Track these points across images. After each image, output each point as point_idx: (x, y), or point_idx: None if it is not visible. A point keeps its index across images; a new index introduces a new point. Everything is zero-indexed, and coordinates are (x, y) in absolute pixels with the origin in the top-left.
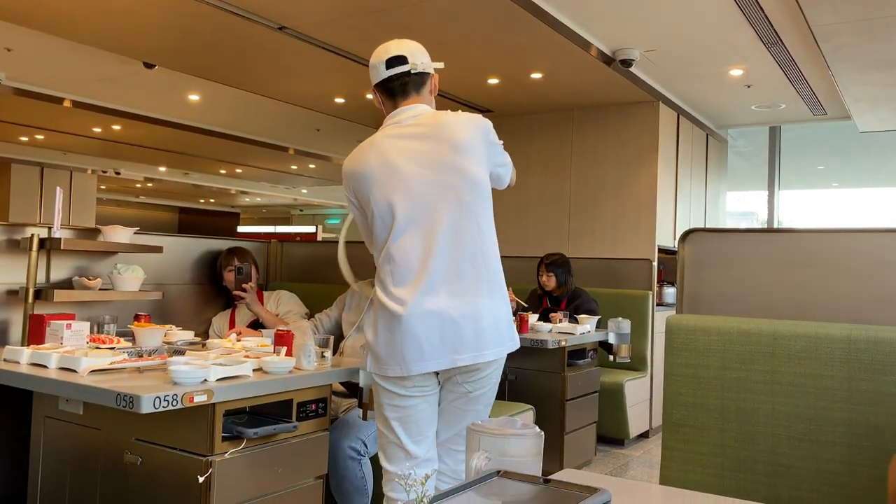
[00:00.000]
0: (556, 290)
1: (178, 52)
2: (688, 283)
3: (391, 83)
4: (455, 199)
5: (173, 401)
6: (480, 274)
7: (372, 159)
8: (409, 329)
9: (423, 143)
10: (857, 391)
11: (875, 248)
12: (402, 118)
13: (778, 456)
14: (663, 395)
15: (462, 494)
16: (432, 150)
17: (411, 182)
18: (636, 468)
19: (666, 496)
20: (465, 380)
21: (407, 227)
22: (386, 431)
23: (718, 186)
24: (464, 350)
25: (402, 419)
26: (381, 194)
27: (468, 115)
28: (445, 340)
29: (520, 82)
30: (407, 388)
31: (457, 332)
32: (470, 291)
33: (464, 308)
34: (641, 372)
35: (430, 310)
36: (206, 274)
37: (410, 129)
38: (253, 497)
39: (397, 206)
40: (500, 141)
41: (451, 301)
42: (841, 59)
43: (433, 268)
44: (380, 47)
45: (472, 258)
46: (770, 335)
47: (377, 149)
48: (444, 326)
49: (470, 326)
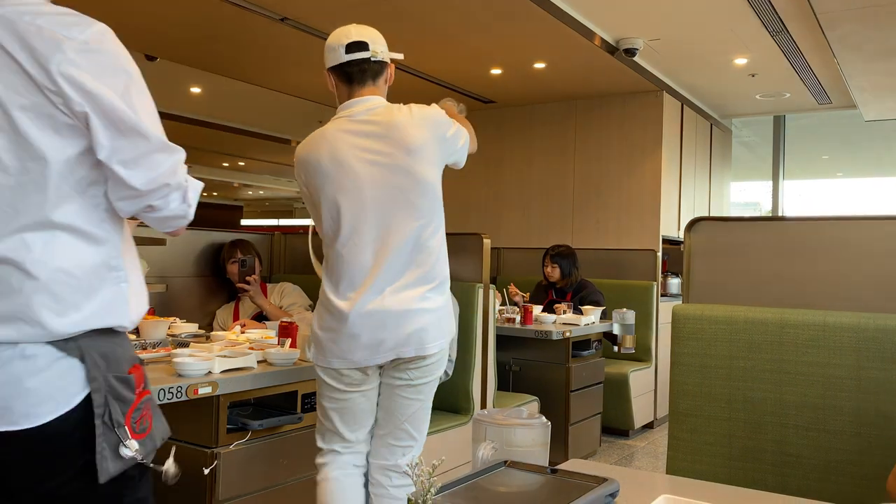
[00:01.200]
0: (561, 281)
1: (180, 44)
2: (694, 272)
3: (349, 68)
4: (404, 200)
5: (178, 393)
6: (425, 273)
7: (324, 153)
8: (352, 327)
9: (376, 142)
10: (865, 380)
11: (883, 235)
12: (356, 111)
13: (786, 445)
14: (669, 385)
15: (469, 483)
16: (384, 151)
17: (361, 183)
18: (641, 459)
19: (673, 486)
20: (408, 367)
21: (355, 228)
22: (323, 419)
23: (723, 176)
24: (406, 344)
25: (340, 410)
26: (331, 192)
27: (421, 114)
28: (387, 337)
29: (523, 72)
30: (344, 382)
31: (399, 329)
32: (413, 289)
33: (406, 305)
34: (646, 363)
35: (373, 309)
36: (210, 266)
37: (363, 125)
38: (258, 489)
39: (347, 207)
40: (451, 124)
41: (394, 298)
42: (846, 48)
43: (380, 269)
44: (338, 30)
45: (417, 260)
46: (777, 324)
47: (329, 143)
48: (387, 323)
49: (413, 323)
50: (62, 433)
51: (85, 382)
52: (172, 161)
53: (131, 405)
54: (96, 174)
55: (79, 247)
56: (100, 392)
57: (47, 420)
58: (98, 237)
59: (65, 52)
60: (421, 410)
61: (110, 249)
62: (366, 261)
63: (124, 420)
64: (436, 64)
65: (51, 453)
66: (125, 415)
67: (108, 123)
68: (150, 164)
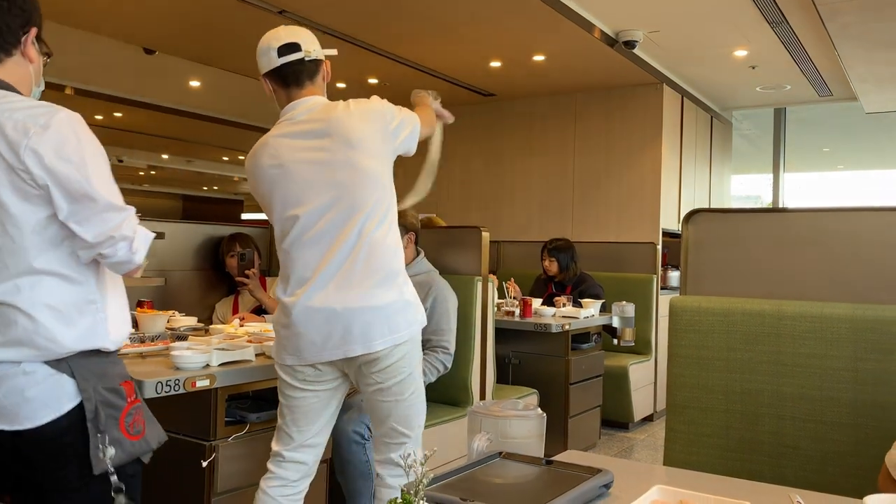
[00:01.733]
0: (559, 274)
1: (178, 37)
2: (692, 264)
3: (284, 71)
4: (349, 196)
5: (175, 386)
6: (372, 269)
7: (265, 162)
8: (298, 324)
9: (317, 140)
10: (862, 371)
11: (881, 227)
12: (296, 114)
13: (783, 437)
14: (667, 377)
15: (465, 475)
16: (325, 147)
17: (304, 182)
18: (641, 451)
19: (670, 477)
20: (370, 370)
21: (302, 227)
22: (279, 416)
23: (723, 169)
24: (352, 342)
25: (291, 407)
26: (278, 196)
27: (360, 107)
28: (333, 334)
29: (522, 65)
30: (298, 379)
31: (344, 326)
32: (360, 286)
33: (352, 302)
34: (646, 355)
35: (318, 306)
36: (209, 260)
37: (304, 125)
38: (256, 481)
39: (292, 207)
40: (395, 115)
41: (339, 296)
42: (847, 38)
43: (324, 265)
44: (267, 34)
45: (364, 256)
46: (775, 315)
47: (271, 151)
48: (332, 320)
49: (358, 319)
50: (57, 434)
51: (76, 393)
52: (119, 218)
53: (122, 411)
54: (66, 230)
55: (60, 287)
56: (90, 401)
57: (44, 422)
58: (75, 278)
59: (30, 138)
60: (405, 408)
61: (88, 287)
62: (311, 258)
63: (118, 424)
64: (435, 57)
65: (51, 450)
66: (118, 420)
67: (64, 192)
68: (99, 222)
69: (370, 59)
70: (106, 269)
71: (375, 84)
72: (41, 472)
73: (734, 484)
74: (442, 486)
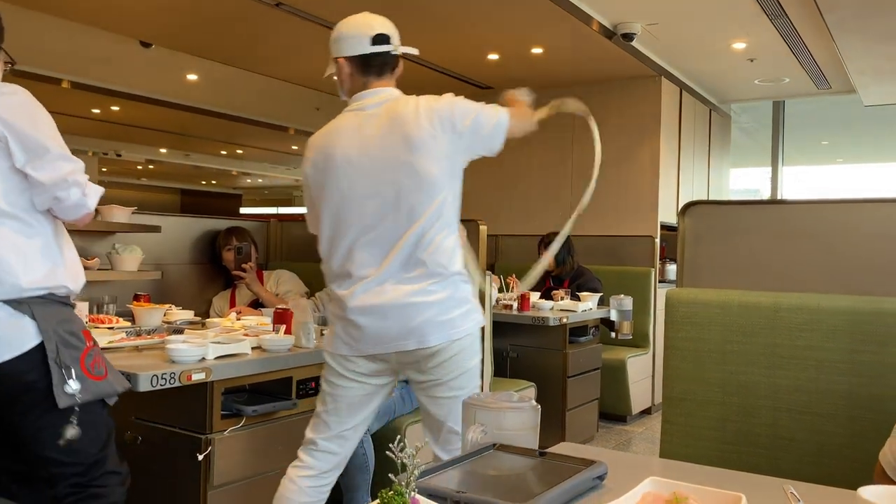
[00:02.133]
0: (556, 268)
1: (174, 30)
2: (688, 257)
3: (373, 60)
4: (409, 199)
5: (171, 379)
6: (430, 269)
7: (336, 148)
8: (354, 317)
9: (383, 139)
10: (859, 363)
11: (878, 219)
12: (367, 103)
13: (779, 429)
14: (663, 369)
15: (458, 467)
16: (389, 147)
17: (367, 178)
18: (638, 444)
19: (664, 469)
20: (427, 366)
21: (364, 227)
22: (318, 403)
23: (722, 163)
24: (408, 336)
25: (335, 396)
26: (338, 186)
27: (428, 106)
28: (389, 329)
29: (520, 58)
30: (348, 369)
31: (400, 321)
32: (418, 284)
33: (408, 298)
34: (644, 349)
35: (376, 301)
36: (206, 254)
37: (373, 119)
38: (253, 474)
39: (352, 201)
40: (467, 115)
41: (396, 292)
42: (845, 31)
43: (386, 265)
44: (358, 19)
45: (423, 257)
46: (771, 308)
47: (341, 137)
48: (389, 315)
49: (414, 315)
50: (21, 370)
51: (37, 334)
52: (71, 166)
53: (83, 351)
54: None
55: (22, 229)
56: (51, 341)
57: (7, 358)
58: (34, 225)
59: None
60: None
61: (45, 235)
62: (370, 255)
63: (79, 363)
64: (433, 49)
65: (14, 387)
66: (78, 359)
67: (21, 143)
68: (52, 168)
69: None
70: (60, 224)
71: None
72: (7, 410)
73: (728, 475)
74: (435, 477)
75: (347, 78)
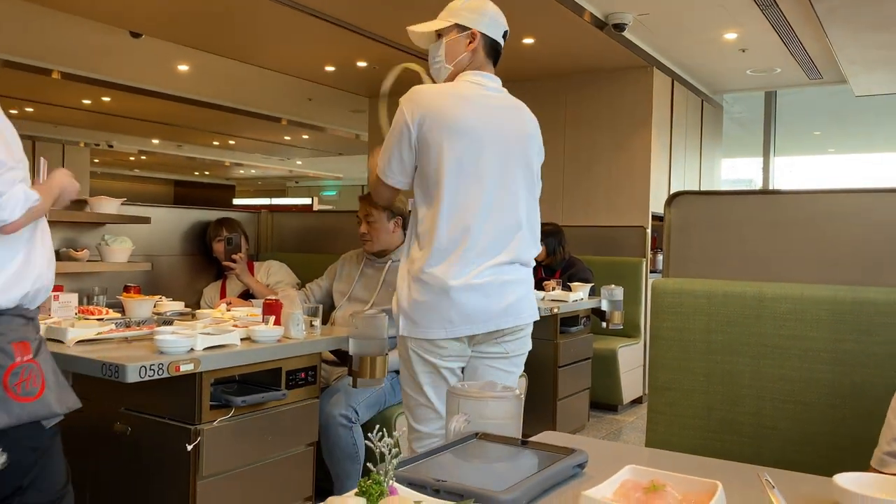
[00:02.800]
0: (547, 259)
1: (165, 20)
2: (674, 247)
3: (498, 49)
4: (513, 183)
5: (159, 370)
6: (518, 249)
7: (468, 114)
8: (457, 298)
9: (511, 123)
10: (841, 352)
11: (861, 208)
12: (488, 85)
13: (762, 417)
14: (649, 359)
15: (440, 456)
16: (514, 133)
17: (493, 156)
18: (629, 433)
19: (650, 458)
20: (503, 339)
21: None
22: (416, 395)
23: (714, 153)
24: (507, 314)
25: (436, 383)
26: (462, 156)
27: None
28: (489, 307)
29: (512, 47)
30: (440, 356)
31: (499, 300)
32: (511, 264)
33: (505, 276)
34: (635, 338)
35: (477, 281)
36: (196, 245)
37: (500, 102)
38: (243, 464)
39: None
40: None
41: (496, 270)
42: (836, 21)
43: (487, 242)
44: (496, 8)
45: (517, 237)
46: (756, 297)
47: (474, 109)
48: (490, 293)
49: (510, 294)
50: None
51: None
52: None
53: (6, 369)
54: None
55: None
56: None
57: None
58: None
59: None
60: (512, 383)
61: None
62: (476, 234)
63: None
64: None
65: None
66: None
67: None
68: None
69: (359, 43)
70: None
71: (364, 67)
72: None
73: (708, 464)
74: (415, 466)
75: (469, 51)
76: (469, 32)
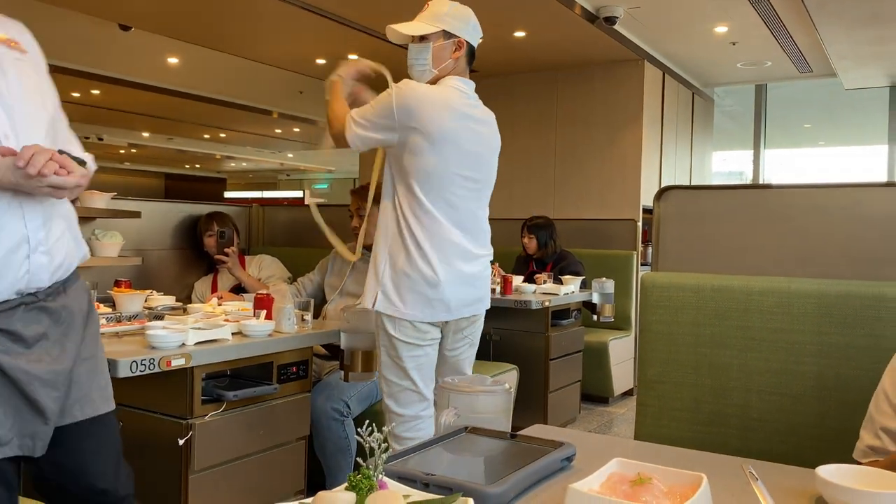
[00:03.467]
0: (538, 252)
1: (154, 13)
2: (663, 241)
3: (474, 55)
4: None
5: (150, 365)
6: (484, 245)
7: (458, 129)
8: (444, 289)
9: (488, 134)
10: (827, 345)
11: (847, 203)
12: (470, 93)
13: (750, 410)
14: (638, 352)
15: (429, 450)
16: (488, 144)
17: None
18: (620, 425)
19: (636, 450)
20: (468, 325)
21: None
22: (400, 381)
23: (705, 146)
24: (481, 301)
25: (420, 367)
26: (451, 160)
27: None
28: (469, 294)
29: (503, 41)
30: (424, 339)
31: (477, 287)
32: (482, 259)
33: (479, 269)
34: (626, 331)
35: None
36: (187, 239)
37: (481, 114)
38: (235, 458)
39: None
40: None
41: (475, 263)
42: (826, 15)
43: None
44: (474, 13)
45: (483, 234)
46: (743, 291)
47: (459, 116)
48: (470, 282)
49: (482, 282)
50: None
51: None
52: None
53: None
54: None
55: None
56: None
57: None
58: None
59: None
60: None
61: None
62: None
63: None
64: None
65: None
66: None
67: None
68: None
69: (350, 36)
70: None
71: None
72: None
73: (695, 456)
74: (405, 461)
75: (453, 58)
76: (456, 40)
